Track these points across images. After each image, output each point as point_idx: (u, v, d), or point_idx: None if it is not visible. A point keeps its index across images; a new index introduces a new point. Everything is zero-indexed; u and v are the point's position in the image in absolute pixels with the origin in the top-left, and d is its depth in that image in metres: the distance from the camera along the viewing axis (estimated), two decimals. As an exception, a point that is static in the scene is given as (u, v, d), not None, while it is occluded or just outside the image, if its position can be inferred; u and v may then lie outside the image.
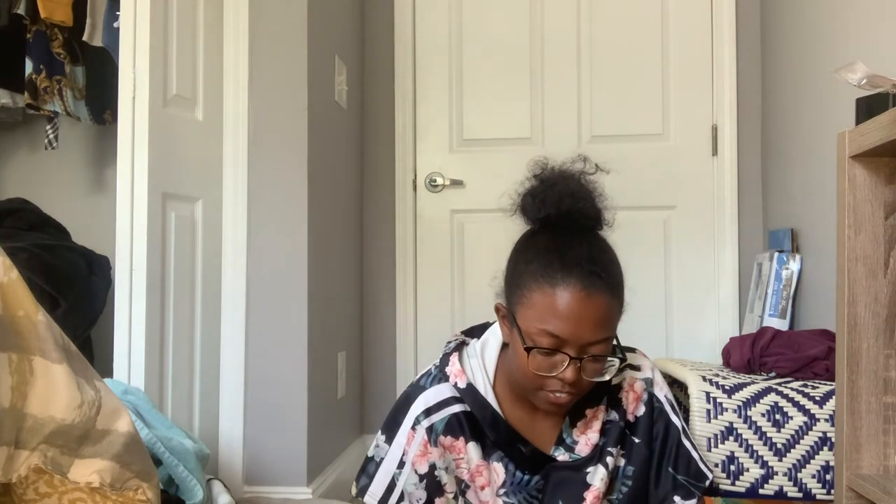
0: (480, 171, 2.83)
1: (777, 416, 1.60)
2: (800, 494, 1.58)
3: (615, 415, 1.30)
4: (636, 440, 1.30)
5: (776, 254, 2.33)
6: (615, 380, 1.29)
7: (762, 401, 1.62)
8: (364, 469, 1.30)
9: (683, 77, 2.78)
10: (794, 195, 2.38)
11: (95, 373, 0.99)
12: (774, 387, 1.64)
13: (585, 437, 1.29)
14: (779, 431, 1.60)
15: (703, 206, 2.76)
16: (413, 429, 1.26)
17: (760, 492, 1.59)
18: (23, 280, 0.90)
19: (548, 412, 1.25)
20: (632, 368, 1.32)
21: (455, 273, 2.85)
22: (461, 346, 1.34)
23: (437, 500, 1.27)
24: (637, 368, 1.32)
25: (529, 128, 2.84)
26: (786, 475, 1.59)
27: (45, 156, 2.66)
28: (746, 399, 1.62)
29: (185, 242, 2.01)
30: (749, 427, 1.60)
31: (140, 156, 1.84)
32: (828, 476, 1.57)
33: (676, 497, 1.29)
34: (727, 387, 1.64)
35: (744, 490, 1.60)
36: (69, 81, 2.44)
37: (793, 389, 1.64)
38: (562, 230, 1.19)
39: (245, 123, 2.15)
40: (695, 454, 1.31)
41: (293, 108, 2.16)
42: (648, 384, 1.32)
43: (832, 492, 1.55)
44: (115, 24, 2.01)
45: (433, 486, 1.26)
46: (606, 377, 1.20)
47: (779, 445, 1.59)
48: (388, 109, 2.89)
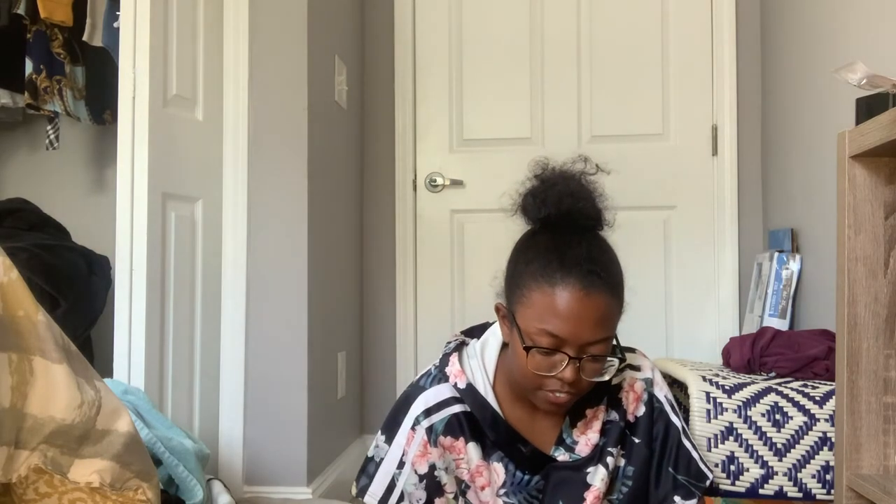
0: (480, 171, 2.83)
1: (777, 416, 1.60)
2: (800, 494, 1.58)
3: (615, 415, 1.30)
4: (636, 440, 1.30)
5: (776, 254, 2.33)
6: (615, 380, 1.29)
7: (762, 401, 1.62)
8: (364, 469, 1.30)
9: (683, 77, 2.78)
10: (794, 195, 2.38)
11: (95, 373, 0.99)
12: (774, 387, 1.64)
13: (585, 438, 1.29)
14: (779, 431, 1.60)
15: (703, 206, 2.76)
16: (413, 429, 1.26)
17: (760, 492, 1.59)
18: (23, 280, 0.90)
19: (547, 412, 1.25)
20: (632, 368, 1.32)
21: (455, 273, 2.85)
22: (461, 347, 1.34)
23: (437, 501, 1.27)
24: (637, 368, 1.32)
25: (529, 128, 2.84)
26: (786, 475, 1.59)
27: (45, 156, 2.66)
28: (746, 399, 1.62)
29: (185, 242, 2.01)
30: (749, 427, 1.60)
31: (140, 156, 1.84)
32: (828, 476, 1.57)
33: (676, 497, 1.29)
34: (727, 387, 1.64)
35: (744, 490, 1.60)
36: (69, 81, 2.44)
37: (793, 389, 1.64)
38: (562, 230, 1.19)
39: (245, 123, 2.15)
40: (695, 454, 1.32)
41: (293, 108, 2.16)
42: (648, 384, 1.32)
43: (832, 492, 1.55)
44: (115, 24, 2.01)
45: (433, 487, 1.26)
46: (606, 377, 1.20)
47: (779, 445, 1.59)
48: (388, 109, 2.89)
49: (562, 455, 1.28)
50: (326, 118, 2.37)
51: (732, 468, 1.60)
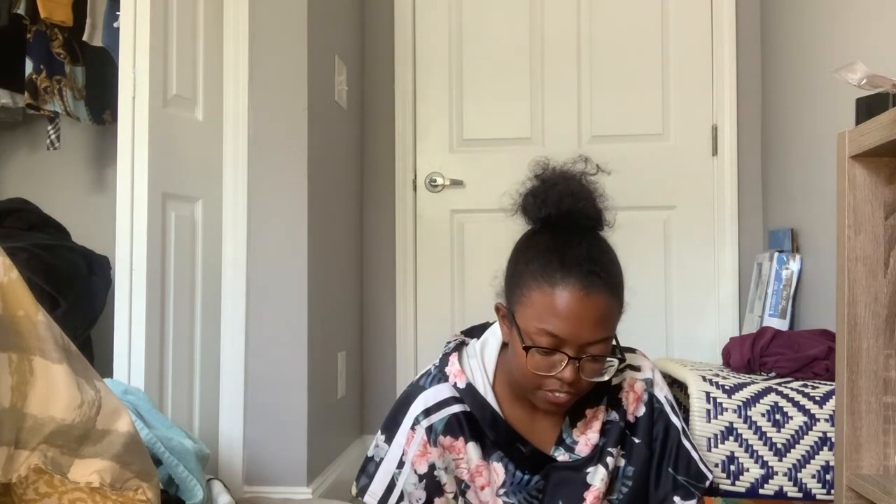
0: (480, 171, 2.83)
1: (777, 416, 1.60)
2: (800, 494, 1.58)
3: (615, 415, 1.30)
4: (636, 440, 1.30)
5: (776, 254, 2.33)
6: (615, 380, 1.29)
7: (762, 401, 1.62)
8: (364, 469, 1.30)
9: (683, 77, 2.78)
10: (794, 195, 2.38)
11: (95, 373, 0.99)
12: (774, 387, 1.64)
13: (585, 438, 1.29)
14: (779, 431, 1.60)
15: (703, 206, 2.76)
16: (412, 429, 1.26)
17: (760, 492, 1.59)
18: (23, 280, 0.90)
19: (547, 412, 1.25)
20: (632, 369, 1.32)
21: (455, 273, 2.85)
22: (461, 346, 1.34)
23: (437, 500, 1.27)
24: (637, 369, 1.32)
25: (529, 128, 2.84)
26: (786, 475, 1.59)
27: (45, 156, 2.66)
28: (746, 399, 1.62)
29: (185, 242, 2.01)
30: (749, 427, 1.60)
31: (140, 156, 1.84)
32: (828, 476, 1.57)
33: (676, 497, 1.29)
34: (727, 387, 1.64)
35: (744, 490, 1.60)
36: (69, 81, 2.44)
37: (793, 389, 1.64)
38: (562, 230, 1.19)
39: (245, 123, 2.15)
40: (695, 454, 1.32)
41: (293, 108, 2.16)
42: (648, 384, 1.32)
43: (832, 492, 1.55)
44: (115, 24, 2.01)
45: (433, 486, 1.26)
46: (605, 377, 1.20)
47: (779, 445, 1.59)
48: (388, 109, 2.89)
49: (562, 455, 1.28)
50: (326, 118, 2.37)
51: (732, 468, 1.60)
